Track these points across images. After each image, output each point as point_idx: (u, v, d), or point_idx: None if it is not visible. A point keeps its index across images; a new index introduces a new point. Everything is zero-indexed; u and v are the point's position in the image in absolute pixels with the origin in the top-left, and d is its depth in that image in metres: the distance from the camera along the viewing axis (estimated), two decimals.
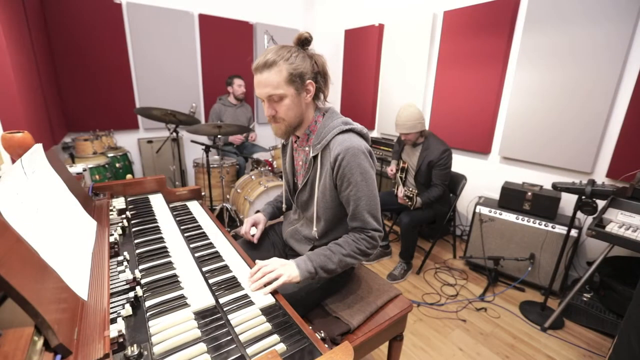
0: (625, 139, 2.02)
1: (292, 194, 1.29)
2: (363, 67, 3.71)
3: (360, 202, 1.03)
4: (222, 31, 3.58)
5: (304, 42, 1.03)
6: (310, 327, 0.78)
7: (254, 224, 1.38)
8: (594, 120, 2.13)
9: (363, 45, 3.65)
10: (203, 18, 3.43)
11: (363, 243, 1.04)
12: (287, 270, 0.94)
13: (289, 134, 1.13)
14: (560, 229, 2.10)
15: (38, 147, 0.92)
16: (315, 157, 1.08)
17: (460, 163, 2.92)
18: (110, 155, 2.96)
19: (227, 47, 3.65)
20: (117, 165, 3.03)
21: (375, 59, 3.54)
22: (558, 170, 2.38)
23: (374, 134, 3.83)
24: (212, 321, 0.71)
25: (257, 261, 0.98)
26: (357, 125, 1.09)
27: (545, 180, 2.38)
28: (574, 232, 2.05)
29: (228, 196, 3.02)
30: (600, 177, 2.16)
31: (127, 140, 3.31)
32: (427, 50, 3.01)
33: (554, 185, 1.84)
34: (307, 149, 1.13)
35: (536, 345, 1.81)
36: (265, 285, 0.89)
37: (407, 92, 3.28)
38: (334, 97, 4.18)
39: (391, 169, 2.58)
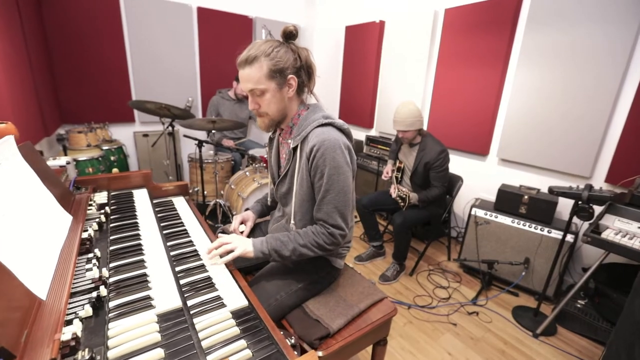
0: (625, 144, 1.97)
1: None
2: (363, 64, 3.66)
3: (327, 195, 1.02)
4: (221, 25, 3.53)
5: (288, 35, 1.01)
6: (282, 332, 0.75)
7: (243, 221, 1.39)
8: (594, 124, 2.07)
9: (363, 42, 3.60)
10: (201, 11, 3.39)
11: (322, 237, 1.04)
12: (242, 245, 1.01)
13: (272, 127, 1.14)
14: (556, 234, 2.05)
15: (8, 139, 0.89)
16: (295, 149, 1.08)
17: (457, 164, 2.88)
18: (104, 148, 2.94)
19: (225, 41, 3.60)
20: (112, 158, 3.01)
21: (375, 57, 3.48)
22: (556, 174, 2.33)
23: (373, 132, 3.79)
24: (175, 324, 0.68)
25: (218, 235, 1.07)
26: (337, 120, 1.07)
27: (543, 183, 2.34)
28: (570, 238, 2.01)
29: (222, 192, 3.00)
30: (599, 182, 2.11)
31: (122, 134, 3.29)
32: (428, 48, 2.96)
33: (551, 190, 1.80)
34: (289, 141, 1.12)
35: (527, 351, 1.78)
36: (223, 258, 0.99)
37: (406, 91, 3.23)
38: (333, 94, 4.14)
39: (386, 171, 2.54)
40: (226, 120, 2.61)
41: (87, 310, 0.66)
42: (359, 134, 3.90)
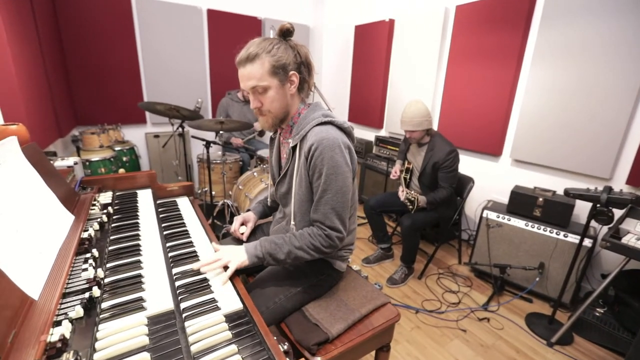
0: None
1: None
2: (372, 63, 3.61)
3: (325, 195, 0.99)
4: (231, 27, 3.56)
5: (285, 33, 1.00)
6: (276, 338, 0.73)
7: (244, 222, 1.37)
8: (614, 122, 1.97)
9: (373, 42, 3.56)
10: (211, 13, 3.42)
11: (318, 240, 1.01)
12: (235, 257, 0.97)
13: (276, 126, 1.12)
14: (573, 238, 1.96)
15: (11, 140, 0.91)
16: (294, 148, 1.06)
17: (469, 165, 2.80)
18: (117, 149, 3.00)
19: (235, 42, 3.55)
20: (124, 159, 3.07)
21: (384, 56, 3.44)
22: (574, 175, 2.23)
23: (382, 132, 3.73)
24: (165, 327, 0.67)
25: (212, 244, 1.06)
26: (337, 119, 1.05)
27: (559, 185, 2.24)
28: (588, 242, 1.92)
29: (230, 192, 3.01)
30: (620, 183, 2.01)
31: (134, 135, 3.35)
32: (438, 47, 2.89)
33: (566, 192, 1.72)
34: (289, 140, 1.10)
35: None
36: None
37: (416, 90, 3.17)
38: (342, 94, 4.10)
39: (395, 171, 2.49)
40: (234, 121, 2.61)
41: (78, 311, 0.65)
42: (369, 135, 3.86)
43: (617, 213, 1.63)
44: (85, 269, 0.79)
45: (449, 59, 2.85)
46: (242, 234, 1.33)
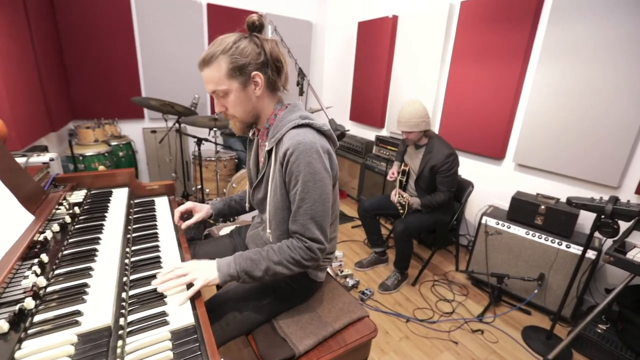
0: None
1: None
2: (375, 61, 3.51)
3: (303, 204, 0.91)
4: (231, 22, 3.44)
5: (251, 27, 0.93)
6: (222, 359, 0.67)
7: (193, 211, 1.26)
8: (624, 127, 1.85)
9: (376, 39, 3.45)
10: (211, 7, 3.36)
11: (299, 252, 0.92)
12: (203, 274, 0.86)
13: (246, 130, 1.06)
14: (576, 249, 1.85)
15: None
16: (270, 152, 0.99)
17: (471, 168, 2.69)
18: (113, 143, 2.98)
19: None
20: (120, 154, 3.05)
21: (387, 53, 3.33)
22: (580, 183, 2.10)
23: (383, 132, 3.64)
24: (95, 347, 0.61)
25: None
26: (316, 121, 0.97)
27: (563, 192, 2.13)
28: (591, 254, 1.81)
29: (225, 190, 2.97)
30: (629, 193, 1.88)
31: (132, 130, 3.33)
32: (442, 44, 2.78)
33: (569, 201, 1.61)
34: (266, 143, 1.02)
35: None
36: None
37: (418, 89, 3.06)
38: (344, 92, 4.01)
39: (392, 172, 2.40)
40: None
41: (2, 326, 0.60)
42: (370, 134, 3.77)
43: (624, 225, 1.52)
44: (27, 277, 0.73)
45: (452, 57, 2.74)
46: (184, 221, 1.20)
